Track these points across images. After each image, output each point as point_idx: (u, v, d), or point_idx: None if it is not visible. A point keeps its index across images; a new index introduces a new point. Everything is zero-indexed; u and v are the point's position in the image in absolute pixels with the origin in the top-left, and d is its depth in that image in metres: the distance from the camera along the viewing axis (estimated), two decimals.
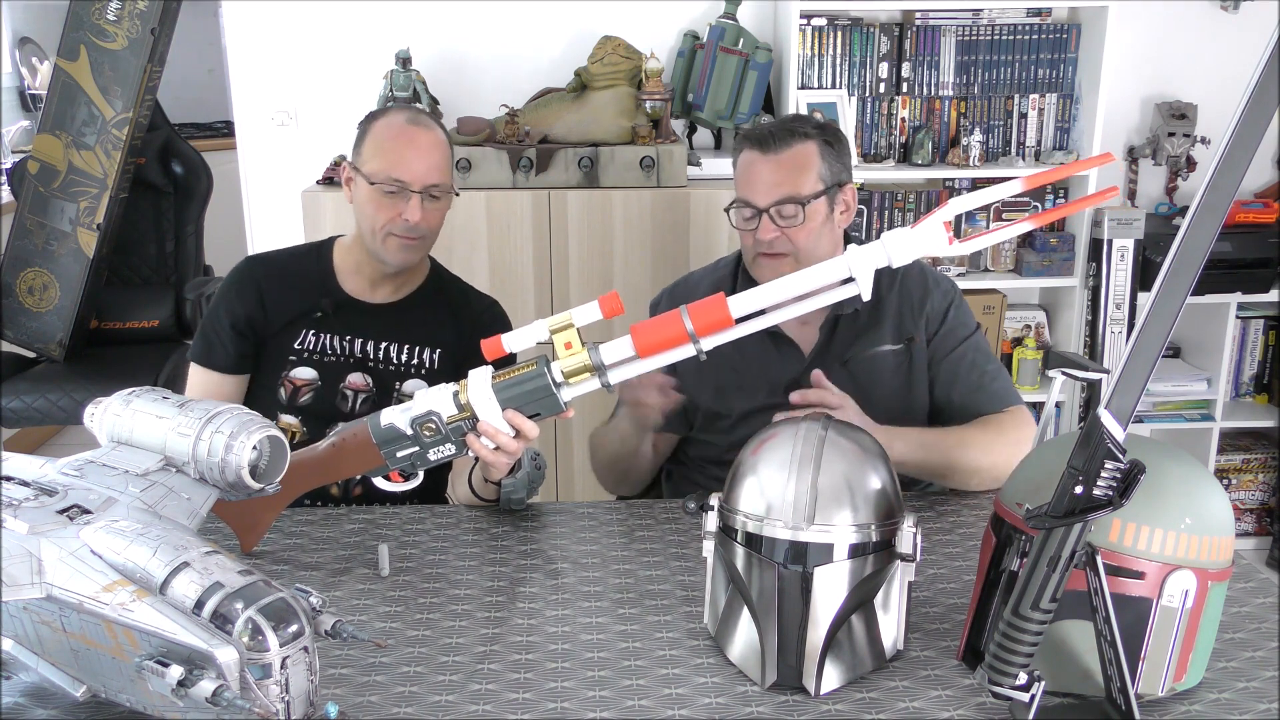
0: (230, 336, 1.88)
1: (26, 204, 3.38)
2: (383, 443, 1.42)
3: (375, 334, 1.89)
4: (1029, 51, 3.12)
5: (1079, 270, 3.16)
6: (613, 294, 1.33)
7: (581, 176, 2.80)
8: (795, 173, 1.76)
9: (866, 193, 3.13)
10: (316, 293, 1.90)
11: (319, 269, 1.92)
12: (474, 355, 1.86)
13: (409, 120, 1.84)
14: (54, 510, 1.12)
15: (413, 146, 1.81)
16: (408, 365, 1.90)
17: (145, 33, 3.25)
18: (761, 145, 1.78)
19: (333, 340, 1.88)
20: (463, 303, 1.97)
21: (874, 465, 1.27)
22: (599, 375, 1.34)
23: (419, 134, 1.82)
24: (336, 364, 1.88)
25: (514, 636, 1.33)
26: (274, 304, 1.89)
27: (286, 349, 1.88)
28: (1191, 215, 1.01)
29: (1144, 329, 1.04)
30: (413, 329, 1.91)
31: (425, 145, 1.82)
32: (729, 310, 1.29)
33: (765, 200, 1.76)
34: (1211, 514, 1.15)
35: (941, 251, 1.27)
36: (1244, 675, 1.24)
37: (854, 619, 1.24)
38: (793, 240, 1.76)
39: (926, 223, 1.26)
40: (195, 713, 1.00)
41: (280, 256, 1.98)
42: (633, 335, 1.32)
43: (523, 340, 1.34)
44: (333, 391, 1.88)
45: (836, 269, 1.29)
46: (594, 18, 3.11)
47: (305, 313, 1.89)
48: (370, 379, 1.88)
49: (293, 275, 1.92)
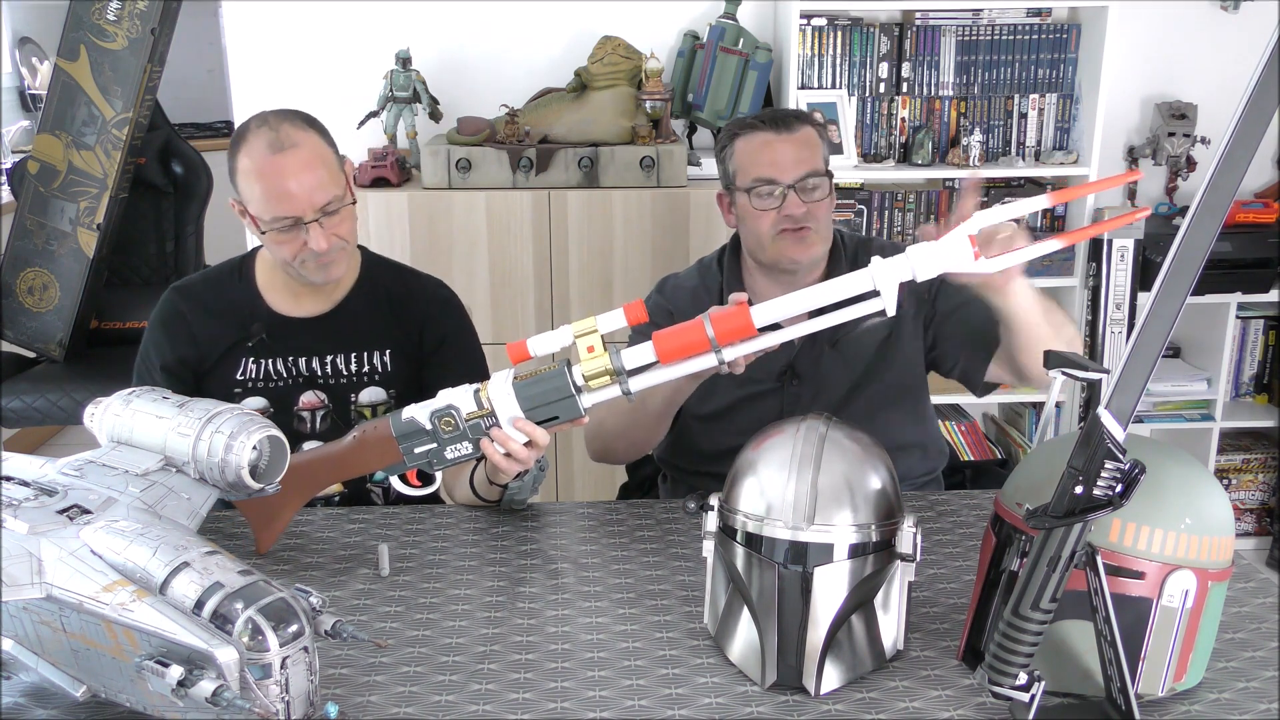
0: (162, 378, 1.77)
1: (26, 204, 3.38)
2: (402, 437, 1.43)
3: (318, 349, 1.81)
4: (1029, 51, 3.12)
5: (1079, 270, 3.16)
6: (638, 302, 1.35)
7: (581, 176, 2.80)
8: (812, 149, 1.81)
9: (866, 193, 3.13)
10: (246, 319, 1.80)
11: (244, 292, 1.82)
12: (432, 350, 1.84)
13: (269, 147, 1.63)
14: (54, 510, 1.12)
15: (285, 175, 1.63)
16: (359, 375, 1.82)
17: (145, 33, 3.24)
18: (774, 126, 1.81)
19: (275, 364, 1.79)
20: (403, 293, 1.86)
21: (874, 465, 1.27)
22: (619, 381, 1.34)
23: (285, 160, 1.63)
24: (285, 387, 1.80)
25: (514, 636, 1.33)
26: (205, 336, 1.80)
27: (229, 381, 1.79)
28: (1191, 215, 1.01)
29: (1144, 329, 1.04)
30: (355, 336, 1.82)
31: (297, 167, 1.63)
32: (751, 319, 1.29)
33: (791, 175, 1.78)
34: (1211, 514, 1.15)
35: (967, 267, 1.26)
36: (1244, 675, 1.24)
37: (854, 619, 1.24)
38: (817, 215, 1.79)
39: (951, 236, 1.25)
40: (195, 713, 1.00)
41: (203, 284, 1.86)
42: (654, 342, 1.32)
43: (548, 344, 1.34)
44: (288, 416, 1.79)
45: (861, 282, 1.28)
46: (594, 18, 3.10)
47: (239, 341, 1.79)
48: (324, 395, 1.80)
49: (218, 303, 1.82)
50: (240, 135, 1.69)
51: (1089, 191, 1.39)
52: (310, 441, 1.79)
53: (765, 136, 1.81)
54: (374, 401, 1.82)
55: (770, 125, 1.81)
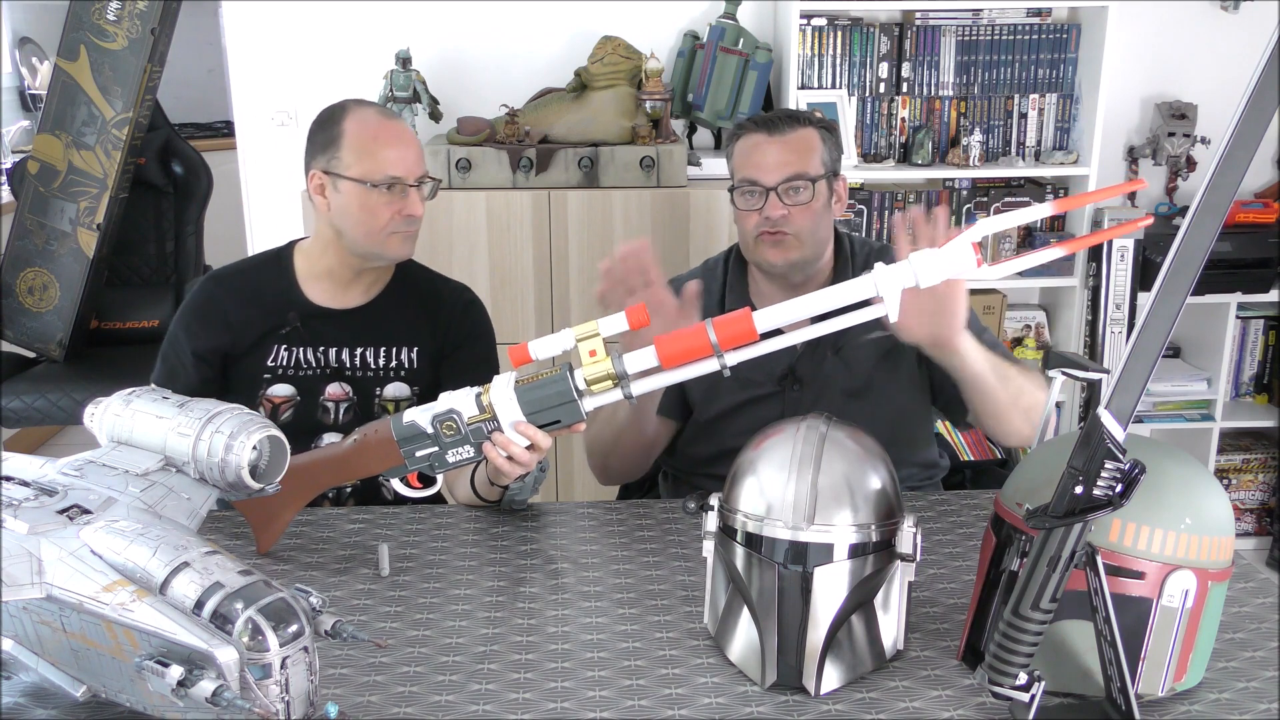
0: (192, 363, 1.82)
1: (26, 204, 3.38)
2: (403, 440, 1.43)
3: (349, 341, 1.85)
4: (1029, 51, 3.12)
5: (1079, 270, 3.16)
6: (640, 306, 1.35)
7: (581, 176, 2.80)
8: (802, 153, 1.79)
9: (866, 193, 3.13)
10: (282, 307, 1.84)
11: (282, 281, 1.86)
12: (451, 350, 1.88)
13: (381, 114, 1.80)
14: (54, 510, 1.12)
15: (398, 140, 1.77)
16: (386, 369, 1.86)
17: (145, 33, 3.25)
18: (767, 128, 1.81)
19: (306, 353, 1.83)
20: (433, 295, 1.92)
21: (874, 465, 1.27)
22: (621, 385, 1.34)
23: (397, 127, 1.79)
24: (313, 377, 1.84)
25: (514, 636, 1.33)
26: (240, 324, 1.83)
27: (260, 368, 1.82)
28: (1191, 215, 1.01)
29: (1144, 329, 1.04)
30: (387, 331, 1.86)
31: (407, 137, 1.79)
32: (753, 324, 1.29)
33: (774, 179, 1.78)
34: (1211, 514, 1.15)
35: (970, 274, 1.25)
36: (1244, 675, 1.24)
37: (854, 619, 1.24)
38: (798, 220, 1.78)
39: (955, 243, 1.24)
40: (195, 713, 1.00)
41: (241, 272, 1.92)
42: (656, 346, 1.32)
43: (549, 348, 1.34)
44: (313, 405, 1.83)
45: (863, 288, 1.28)
46: (594, 18, 3.10)
47: (273, 329, 1.83)
48: (350, 388, 1.84)
49: (256, 291, 1.86)
50: (338, 109, 1.81)
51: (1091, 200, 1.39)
52: (331, 433, 1.82)
53: (756, 138, 1.81)
54: (398, 396, 1.86)
55: (763, 127, 1.82)
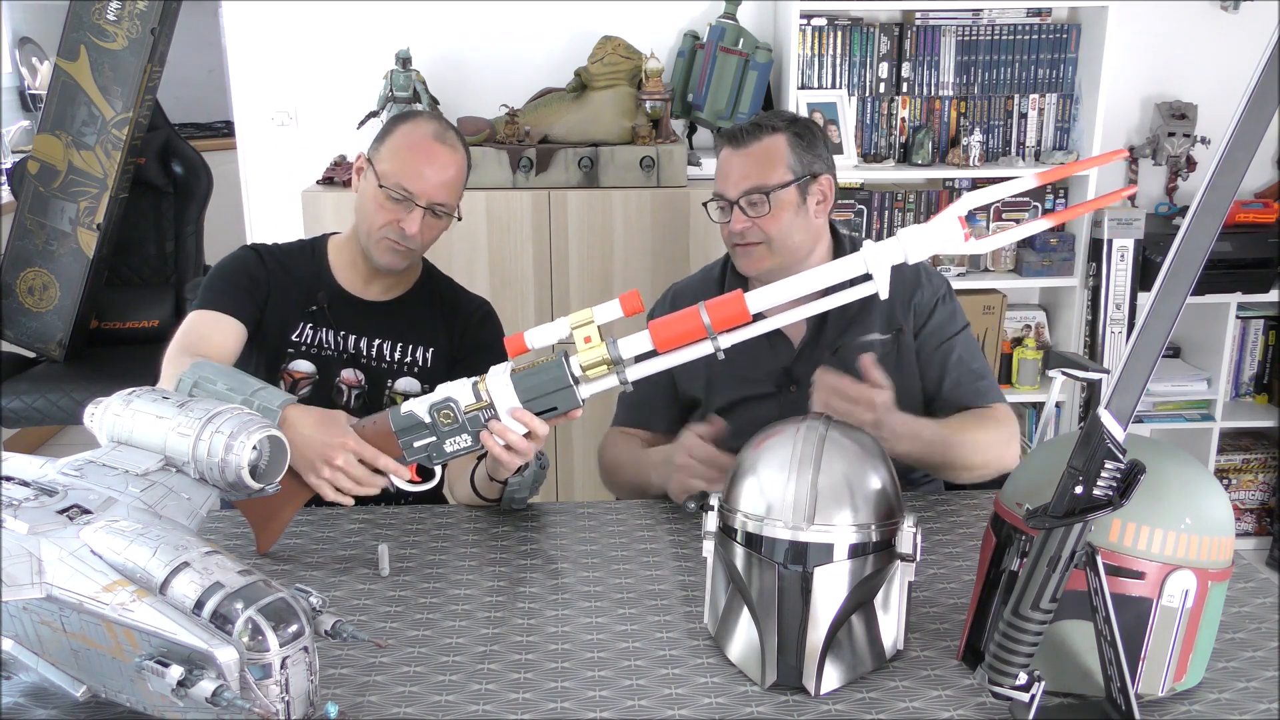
0: (247, 284, 1.85)
1: (26, 204, 3.38)
2: (401, 431, 1.44)
3: (369, 331, 1.90)
4: (1029, 51, 3.12)
5: (1079, 270, 3.16)
6: (633, 292, 1.35)
7: (581, 176, 2.80)
8: (763, 165, 1.79)
9: (866, 193, 3.13)
10: (312, 286, 1.90)
11: (315, 266, 1.92)
12: (466, 357, 1.91)
13: (435, 134, 1.82)
14: (54, 510, 1.12)
15: (431, 161, 1.79)
16: (400, 363, 1.90)
17: (145, 33, 3.25)
18: (732, 141, 1.83)
19: (328, 334, 1.89)
20: (454, 304, 1.97)
21: (874, 465, 1.27)
22: (617, 371, 1.35)
23: (440, 150, 1.81)
24: (332, 359, 1.89)
25: (514, 636, 1.33)
26: (276, 289, 1.89)
27: (285, 340, 1.88)
28: (1191, 215, 1.01)
29: (1144, 329, 1.04)
30: (406, 328, 1.91)
31: (443, 162, 1.80)
32: (746, 305, 1.30)
33: (735, 192, 1.80)
34: (1211, 514, 1.15)
35: (957, 248, 1.27)
36: (1244, 675, 1.24)
37: (854, 619, 1.24)
38: (764, 230, 1.79)
39: (941, 217, 1.27)
40: (195, 713, 1.00)
41: (278, 250, 1.97)
42: (651, 331, 1.33)
43: (545, 337, 1.36)
44: (329, 387, 1.88)
45: (853, 266, 1.30)
46: (594, 18, 3.11)
47: (302, 305, 1.89)
48: (362, 375, 1.89)
49: (290, 267, 1.91)
50: (410, 114, 1.88)
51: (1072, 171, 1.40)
52: None
53: (725, 151, 1.84)
54: (408, 390, 1.90)
55: (729, 139, 1.84)
